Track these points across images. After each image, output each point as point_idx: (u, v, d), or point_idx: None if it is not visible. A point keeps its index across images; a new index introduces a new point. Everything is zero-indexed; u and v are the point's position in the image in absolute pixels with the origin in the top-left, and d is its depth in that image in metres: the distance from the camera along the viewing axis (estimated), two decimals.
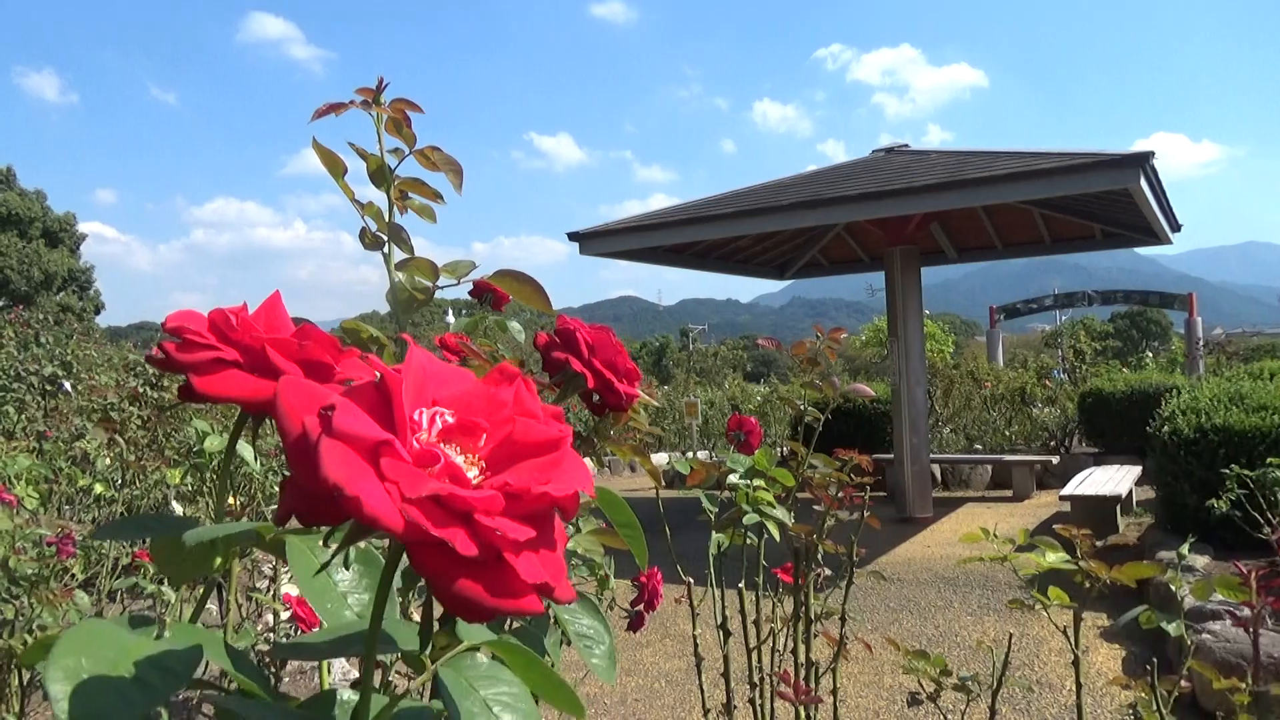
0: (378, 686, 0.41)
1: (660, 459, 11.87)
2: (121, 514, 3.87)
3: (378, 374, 0.31)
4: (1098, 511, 6.11)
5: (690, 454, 11.86)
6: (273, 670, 1.85)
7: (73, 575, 2.58)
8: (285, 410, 0.30)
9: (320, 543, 0.39)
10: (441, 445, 0.33)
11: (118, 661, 0.31)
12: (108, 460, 3.57)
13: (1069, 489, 6.45)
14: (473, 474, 0.33)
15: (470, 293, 1.35)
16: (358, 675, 0.38)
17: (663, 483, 0.91)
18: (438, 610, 0.36)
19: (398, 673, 0.55)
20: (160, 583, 2.61)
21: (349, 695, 0.41)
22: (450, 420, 0.34)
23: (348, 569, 0.43)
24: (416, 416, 0.33)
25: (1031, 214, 8.34)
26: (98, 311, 32.75)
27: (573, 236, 7.60)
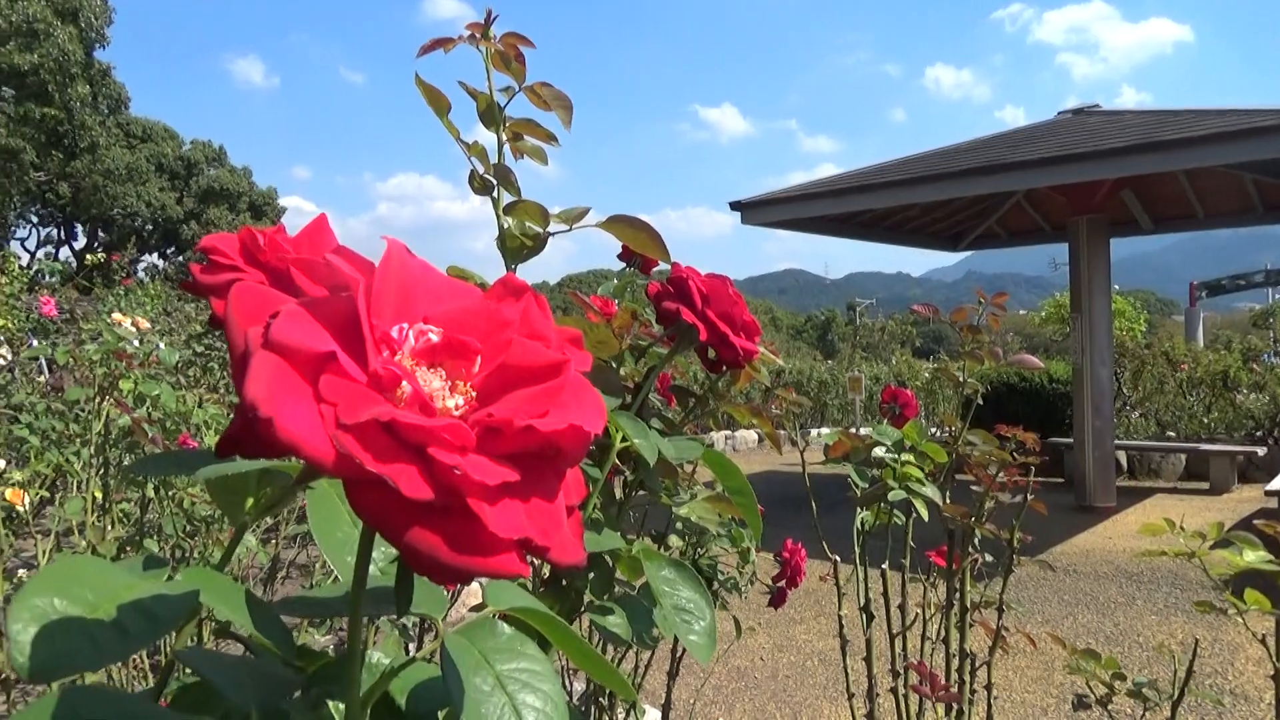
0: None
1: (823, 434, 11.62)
2: None
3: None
4: None
5: (853, 430, 11.55)
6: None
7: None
8: (233, 320, 0.25)
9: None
10: (422, 368, 0.28)
11: (98, 604, 0.28)
12: None
13: (1276, 483, 5.83)
14: (455, 403, 0.28)
15: (619, 255, 1.31)
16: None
17: (783, 449, 0.84)
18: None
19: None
20: None
21: (378, 658, 0.37)
22: (436, 339, 0.29)
23: None
24: (395, 333, 0.28)
25: (1241, 179, 7.54)
26: None
27: (734, 206, 7.48)
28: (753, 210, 7.45)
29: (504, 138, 0.74)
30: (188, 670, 0.34)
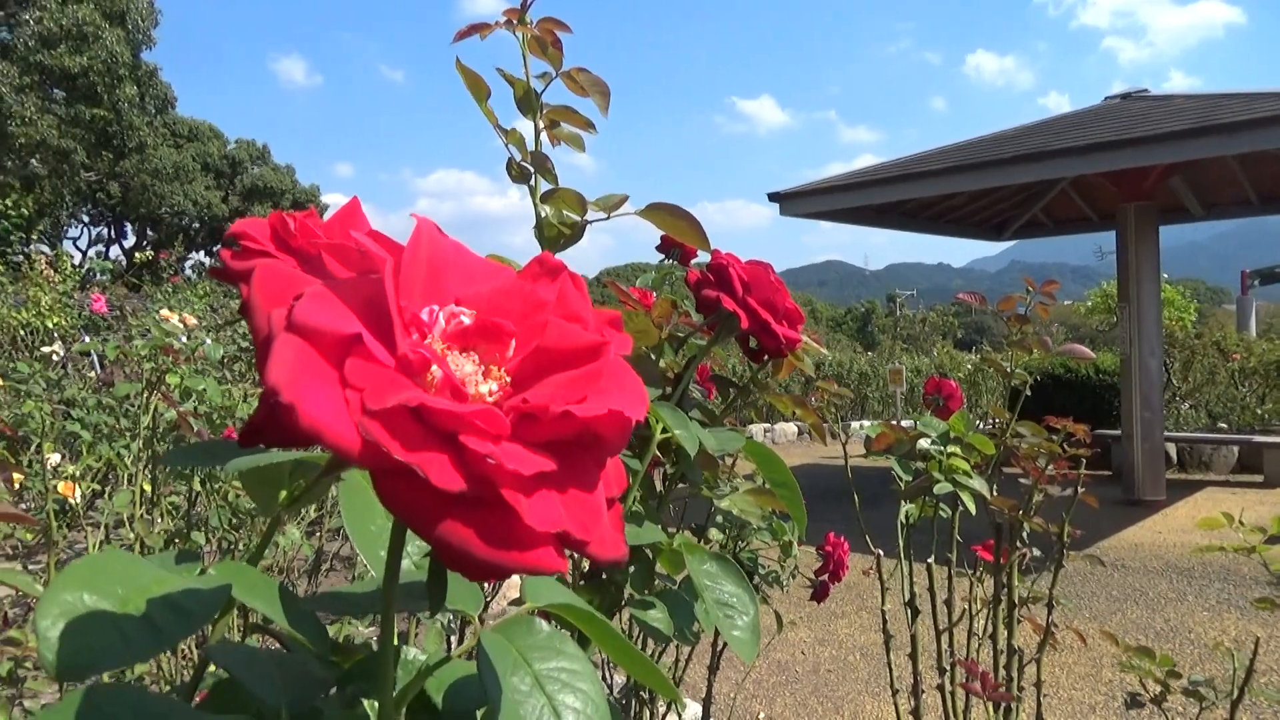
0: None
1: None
2: None
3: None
4: None
5: (895, 423, 11.43)
6: None
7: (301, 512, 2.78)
8: (256, 302, 0.24)
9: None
10: (454, 352, 0.27)
11: (128, 598, 0.27)
12: None
13: None
14: (488, 388, 0.26)
15: (658, 247, 1.30)
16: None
17: (827, 440, 0.82)
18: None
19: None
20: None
21: (414, 655, 0.36)
22: (468, 322, 0.27)
23: None
24: (425, 315, 0.27)
25: None
26: None
27: (773, 197, 7.42)
28: (792, 201, 7.38)
29: (541, 125, 0.73)
30: None
